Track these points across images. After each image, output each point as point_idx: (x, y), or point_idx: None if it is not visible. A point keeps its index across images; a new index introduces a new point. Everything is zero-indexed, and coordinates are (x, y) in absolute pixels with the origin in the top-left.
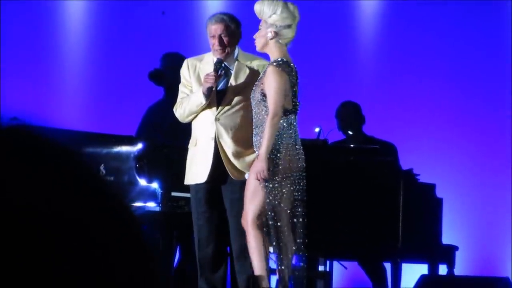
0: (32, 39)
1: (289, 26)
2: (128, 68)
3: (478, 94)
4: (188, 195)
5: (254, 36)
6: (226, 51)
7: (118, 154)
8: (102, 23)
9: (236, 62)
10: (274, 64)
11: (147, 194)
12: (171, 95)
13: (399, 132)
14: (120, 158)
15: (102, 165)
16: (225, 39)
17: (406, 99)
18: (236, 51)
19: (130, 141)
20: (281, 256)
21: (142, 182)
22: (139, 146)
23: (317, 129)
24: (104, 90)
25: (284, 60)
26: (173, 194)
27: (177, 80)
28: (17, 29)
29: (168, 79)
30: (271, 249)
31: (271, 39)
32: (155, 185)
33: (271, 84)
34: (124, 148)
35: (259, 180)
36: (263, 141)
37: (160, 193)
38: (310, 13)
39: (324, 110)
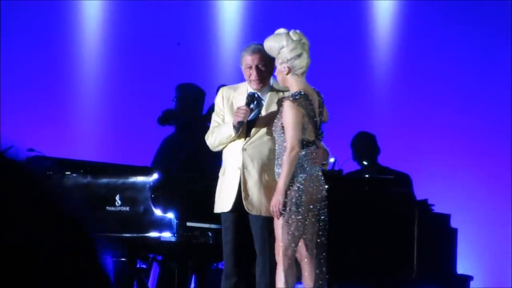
0: (44, 71)
1: (299, 55)
2: (144, 99)
3: (494, 123)
4: (203, 225)
5: (275, 74)
6: (264, 81)
7: (133, 184)
8: (118, 54)
9: (269, 93)
10: (291, 98)
11: (162, 224)
12: (184, 129)
13: (414, 163)
14: (135, 188)
15: (118, 195)
16: (262, 70)
17: (420, 130)
18: (271, 82)
19: (146, 171)
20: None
21: (158, 212)
22: (155, 176)
23: (332, 159)
24: (120, 121)
25: (302, 93)
26: (189, 224)
27: (189, 111)
28: (24, 59)
29: (177, 115)
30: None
31: (287, 74)
32: (170, 215)
33: (287, 119)
34: (140, 179)
35: (274, 214)
36: (281, 175)
37: (175, 223)
38: (324, 45)
39: (339, 140)
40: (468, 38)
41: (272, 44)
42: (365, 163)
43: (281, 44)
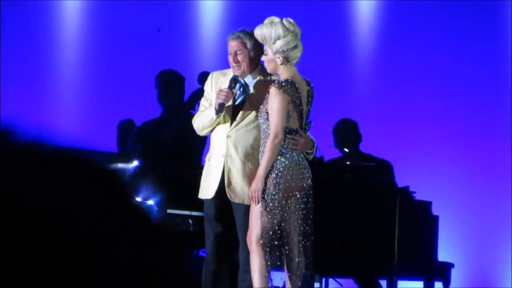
0: (22, 58)
1: (295, 47)
2: (124, 85)
3: (475, 111)
4: (183, 212)
5: (262, 59)
6: (242, 68)
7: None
8: (98, 41)
9: (256, 80)
10: (277, 85)
11: None
12: (167, 115)
13: (396, 150)
14: None
15: None
16: (239, 57)
17: (402, 117)
18: (259, 68)
19: (126, 158)
20: (288, 275)
21: (138, 199)
22: (135, 163)
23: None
24: (100, 108)
25: (289, 80)
26: (169, 211)
27: (171, 97)
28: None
29: (160, 102)
30: (285, 270)
31: (281, 64)
32: (150, 202)
33: (272, 105)
34: (120, 166)
35: (253, 199)
36: (262, 161)
37: (155, 210)
38: (307, 31)
39: (320, 128)
40: (450, 26)
41: (266, 33)
42: (346, 150)
43: (277, 35)
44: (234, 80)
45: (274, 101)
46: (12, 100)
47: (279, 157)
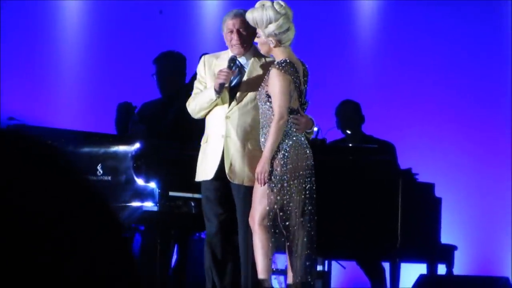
0: (29, 38)
1: (287, 29)
2: (125, 67)
3: (477, 92)
4: (185, 194)
5: (256, 40)
6: (244, 46)
7: (115, 153)
8: (99, 22)
9: (251, 60)
10: (277, 66)
11: (144, 194)
12: (169, 99)
13: (398, 131)
14: (117, 157)
15: (100, 164)
16: (243, 34)
17: (405, 98)
18: (253, 48)
19: (128, 140)
20: (293, 256)
21: (140, 181)
22: (137, 145)
23: (315, 128)
24: (101, 90)
25: (288, 61)
26: (171, 193)
27: (173, 80)
28: (14, 28)
29: (161, 86)
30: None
31: (274, 46)
32: (152, 185)
33: (275, 86)
34: (122, 148)
35: (259, 181)
36: (267, 143)
37: (157, 193)
38: (309, 13)
39: (322, 109)
40: (455, 10)
41: (257, 17)
42: (349, 131)
43: (269, 19)
44: (233, 61)
45: (276, 82)
46: (12, 85)
47: (284, 138)
